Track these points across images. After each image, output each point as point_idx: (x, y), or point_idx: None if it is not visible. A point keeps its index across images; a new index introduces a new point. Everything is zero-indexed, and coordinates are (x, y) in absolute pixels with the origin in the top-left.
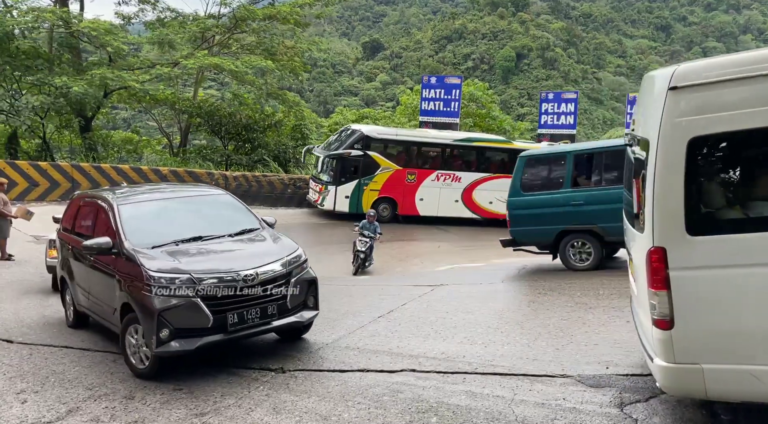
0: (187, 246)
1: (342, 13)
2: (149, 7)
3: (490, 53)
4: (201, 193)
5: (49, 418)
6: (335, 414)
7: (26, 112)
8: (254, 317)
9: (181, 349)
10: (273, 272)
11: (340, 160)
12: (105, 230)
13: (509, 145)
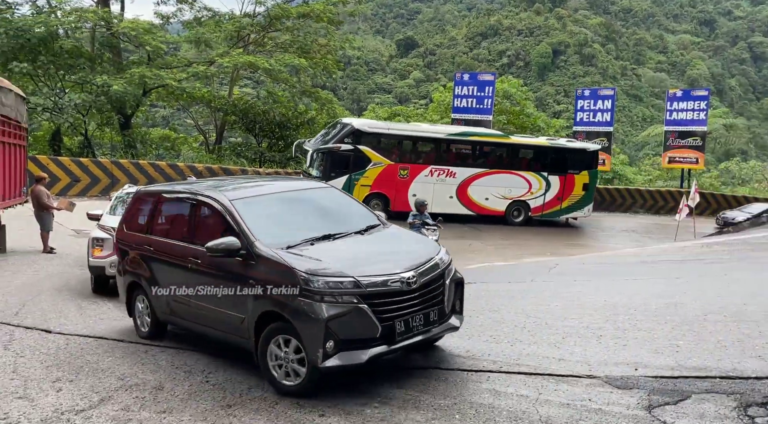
0: (324, 245)
1: (376, 10)
2: (187, 6)
3: (526, 50)
4: (308, 186)
5: (82, 406)
6: (358, 410)
7: (69, 109)
8: (418, 324)
9: (350, 362)
10: (431, 274)
11: (330, 155)
12: (214, 229)
13: (507, 140)
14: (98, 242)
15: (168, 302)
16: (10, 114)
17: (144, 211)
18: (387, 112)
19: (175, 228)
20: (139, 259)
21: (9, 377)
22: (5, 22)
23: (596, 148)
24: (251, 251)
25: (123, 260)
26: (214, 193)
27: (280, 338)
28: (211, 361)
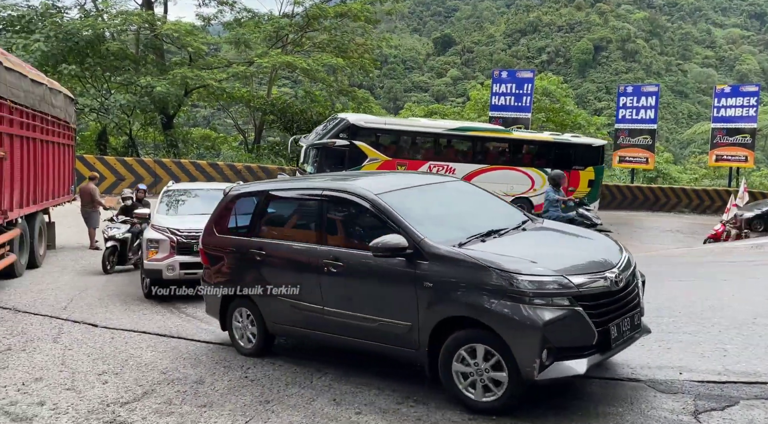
0: (496, 242)
1: (413, 8)
2: (227, 8)
3: (566, 46)
4: (438, 180)
5: (126, 399)
6: (393, 409)
7: (115, 110)
8: (626, 330)
9: (566, 374)
10: (628, 271)
11: (324, 150)
12: (354, 227)
13: (508, 135)
14: (153, 244)
15: (287, 311)
16: (60, 115)
17: (245, 211)
18: (424, 110)
19: (297, 228)
20: (242, 265)
21: (58, 368)
22: (55, 26)
23: (602, 143)
24: (421, 250)
25: (214, 268)
26: (353, 187)
27: (466, 349)
28: (249, 357)
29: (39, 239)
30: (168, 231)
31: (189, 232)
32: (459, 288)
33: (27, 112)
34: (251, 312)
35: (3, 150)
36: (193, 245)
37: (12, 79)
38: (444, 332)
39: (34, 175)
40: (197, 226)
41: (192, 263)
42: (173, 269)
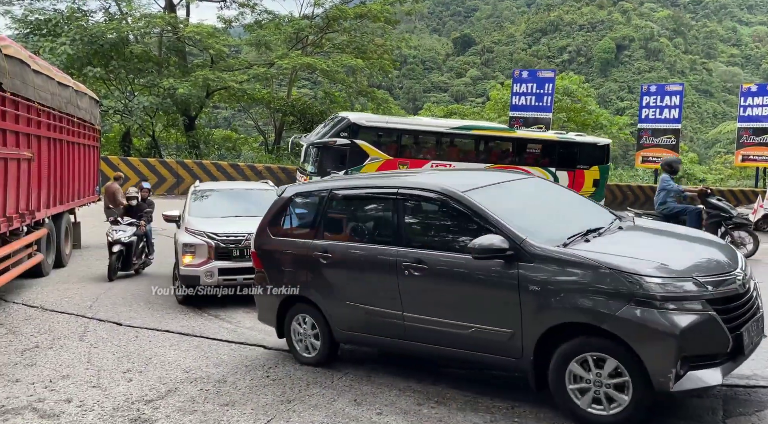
0: (601, 241)
1: (433, 8)
2: (248, 10)
3: (588, 45)
4: (523, 177)
5: (151, 397)
6: (414, 409)
7: (138, 112)
8: (754, 334)
9: (702, 385)
10: (748, 272)
11: (325, 149)
12: (436, 226)
13: (512, 134)
14: (189, 248)
15: (358, 318)
16: (85, 116)
17: (305, 212)
18: (443, 110)
19: (369, 229)
20: (304, 269)
21: (84, 366)
22: (81, 29)
23: (607, 142)
24: (523, 251)
25: (270, 272)
26: (436, 184)
27: (584, 356)
28: (271, 357)
29: (65, 239)
30: (204, 235)
31: (227, 236)
32: (573, 292)
33: (54, 114)
34: (314, 319)
35: (31, 151)
36: (232, 249)
37: (39, 82)
38: (551, 339)
39: (61, 176)
40: (235, 229)
41: (231, 268)
42: (212, 275)
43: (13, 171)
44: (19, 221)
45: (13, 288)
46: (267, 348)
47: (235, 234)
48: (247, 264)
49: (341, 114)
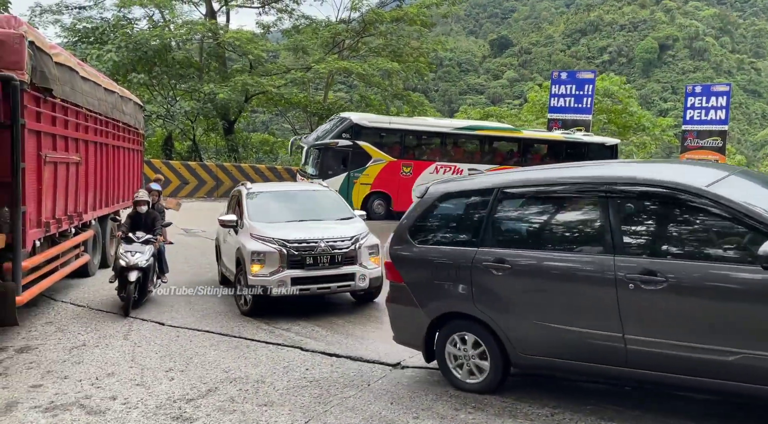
0: None
1: (469, 10)
2: (286, 15)
3: (629, 45)
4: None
5: (192, 395)
6: (451, 414)
7: (180, 116)
8: None
9: None
10: None
11: (327, 151)
12: (686, 232)
13: (518, 134)
14: (258, 256)
15: (550, 339)
16: (130, 121)
17: (460, 214)
18: (479, 113)
19: (565, 234)
20: (467, 282)
21: (128, 365)
22: (126, 36)
23: (615, 142)
24: None
25: (415, 286)
26: (667, 178)
27: None
28: (308, 358)
29: (110, 240)
30: (275, 241)
31: (299, 242)
32: None
33: (100, 120)
34: (480, 338)
35: (79, 155)
36: (306, 257)
37: (87, 88)
38: None
39: (106, 179)
40: (306, 235)
41: (305, 277)
42: (284, 284)
43: (63, 174)
44: (68, 222)
45: (62, 288)
46: (304, 350)
47: (308, 240)
48: (322, 273)
49: (342, 114)
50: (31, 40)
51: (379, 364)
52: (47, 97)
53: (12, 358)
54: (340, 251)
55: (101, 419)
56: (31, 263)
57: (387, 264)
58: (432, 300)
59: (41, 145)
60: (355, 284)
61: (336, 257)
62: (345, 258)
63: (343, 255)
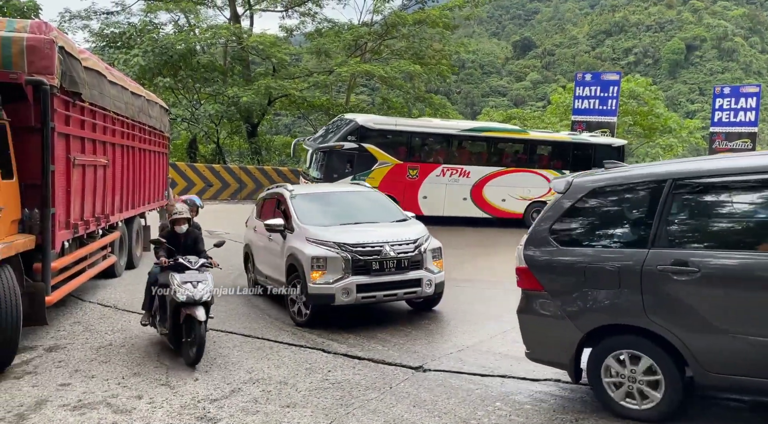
0: None
1: (492, 12)
2: (309, 19)
3: (656, 46)
4: None
5: (216, 396)
6: (475, 418)
7: (204, 120)
8: None
9: None
10: None
11: (332, 154)
12: None
13: (525, 135)
14: (319, 262)
15: (755, 355)
16: (156, 125)
17: (619, 210)
18: (502, 115)
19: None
20: (632, 289)
21: (154, 365)
22: (152, 41)
23: (622, 143)
24: None
25: (558, 294)
26: None
27: None
28: (330, 360)
29: (136, 242)
30: (336, 246)
31: (363, 246)
32: None
33: (127, 123)
34: (653, 356)
35: (106, 158)
36: (371, 262)
37: (115, 91)
38: None
39: (132, 181)
40: (368, 238)
41: (371, 284)
42: (349, 292)
43: (91, 177)
44: (95, 224)
45: (89, 288)
46: (326, 352)
47: (372, 244)
48: (389, 278)
49: (347, 116)
50: (61, 45)
51: (401, 367)
52: (76, 101)
53: (41, 357)
54: (406, 255)
55: (127, 418)
56: (60, 264)
57: (521, 270)
58: (585, 311)
59: (70, 148)
60: (421, 290)
61: (402, 261)
62: (411, 262)
63: (409, 259)
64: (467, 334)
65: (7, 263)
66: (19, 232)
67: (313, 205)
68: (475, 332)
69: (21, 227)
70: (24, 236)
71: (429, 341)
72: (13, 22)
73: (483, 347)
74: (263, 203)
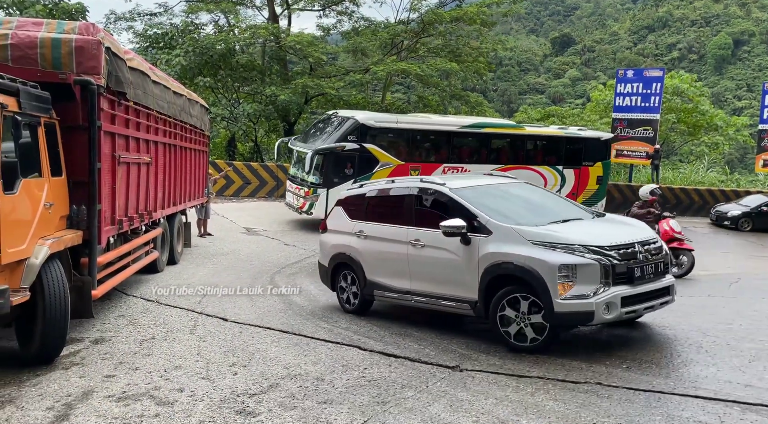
0: None
1: (530, 9)
2: (346, 18)
3: (701, 41)
4: None
5: (254, 391)
6: (513, 419)
7: (242, 118)
8: None
9: None
10: None
11: (332, 156)
12: None
13: (522, 131)
14: (568, 272)
15: None
16: (197, 123)
17: None
18: (540, 113)
19: None
20: None
21: (194, 358)
22: (193, 41)
23: (609, 136)
24: None
25: None
26: None
27: None
28: (366, 357)
29: (177, 238)
30: (585, 249)
31: (619, 248)
32: None
33: (169, 122)
34: None
35: (149, 156)
36: (634, 268)
37: (158, 91)
38: None
39: (174, 179)
40: (618, 237)
41: (634, 296)
42: (612, 307)
43: (134, 174)
44: (139, 220)
45: (132, 283)
46: (362, 349)
47: (626, 245)
48: (650, 287)
49: (343, 113)
50: (108, 46)
51: (438, 366)
52: (121, 101)
53: (88, 348)
54: (659, 257)
55: (169, 410)
56: (106, 259)
57: None
58: None
59: (115, 146)
60: (671, 298)
61: (659, 265)
62: (664, 266)
63: (663, 263)
64: None
65: (56, 258)
66: (67, 227)
67: (493, 200)
68: None
69: (69, 223)
70: (72, 231)
71: (465, 340)
72: (62, 24)
73: None
74: (356, 201)
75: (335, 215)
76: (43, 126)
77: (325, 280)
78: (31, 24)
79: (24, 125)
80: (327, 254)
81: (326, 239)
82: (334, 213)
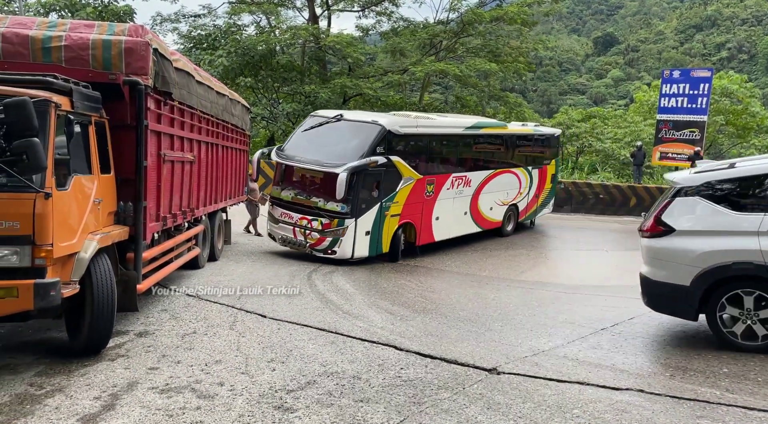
0: None
1: (572, 8)
2: (385, 18)
3: (752, 40)
4: None
5: (292, 387)
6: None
7: (282, 118)
8: None
9: None
10: None
11: (362, 176)
12: None
13: (511, 131)
14: None
15: None
16: (238, 123)
17: None
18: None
19: None
20: None
21: (234, 353)
22: (235, 42)
23: (560, 132)
24: None
25: None
26: None
27: None
28: (402, 357)
29: (218, 235)
30: None
31: None
32: None
33: (212, 121)
34: None
35: (193, 155)
36: None
37: (201, 91)
38: None
39: (216, 177)
40: None
41: None
42: None
43: (178, 172)
44: (182, 217)
45: (175, 278)
46: (398, 349)
47: None
48: None
49: (352, 117)
50: (155, 47)
51: (474, 368)
52: (167, 100)
53: (132, 341)
54: None
55: (210, 404)
56: (150, 254)
57: None
58: None
59: (161, 144)
60: None
61: None
62: None
63: None
64: (543, 338)
65: (104, 252)
66: (114, 223)
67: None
68: (550, 337)
69: (116, 219)
70: (119, 227)
71: (503, 343)
72: (113, 26)
73: (559, 352)
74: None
75: (687, 209)
76: (94, 125)
77: (678, 303)
78: (83, 26)
79: (76, 124)
80: (687, 265)
81: (679, 245)
82: (682, 207)
